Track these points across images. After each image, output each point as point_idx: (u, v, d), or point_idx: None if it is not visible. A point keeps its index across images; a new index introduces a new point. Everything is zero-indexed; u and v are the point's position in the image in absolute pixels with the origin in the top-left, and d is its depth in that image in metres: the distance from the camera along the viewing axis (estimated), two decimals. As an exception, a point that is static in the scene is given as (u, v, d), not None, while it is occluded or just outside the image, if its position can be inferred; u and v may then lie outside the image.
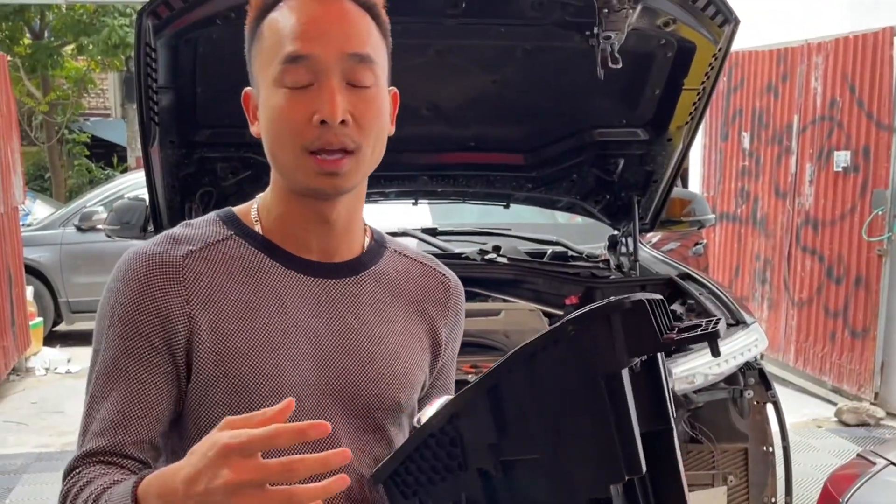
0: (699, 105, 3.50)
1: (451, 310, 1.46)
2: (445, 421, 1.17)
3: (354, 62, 1.22)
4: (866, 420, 6.15)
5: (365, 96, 1.23)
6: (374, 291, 1.36)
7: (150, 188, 3.48)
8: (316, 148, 1.21)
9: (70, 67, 15.39)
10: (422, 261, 1.46)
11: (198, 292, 1.25)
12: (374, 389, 1.32)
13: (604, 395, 1.09)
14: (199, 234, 1.30)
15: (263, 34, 1.26)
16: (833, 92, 6.69)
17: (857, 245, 6.48)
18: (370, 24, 1.27)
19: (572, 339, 1.10)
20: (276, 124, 1.23)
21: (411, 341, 1.38)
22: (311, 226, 1.30)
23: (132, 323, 1.24)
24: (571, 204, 4.19)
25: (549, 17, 3.12)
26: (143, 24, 2.86)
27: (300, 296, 1.30)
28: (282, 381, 1.25)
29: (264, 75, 1.24)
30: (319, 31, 1.22)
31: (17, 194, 7.61)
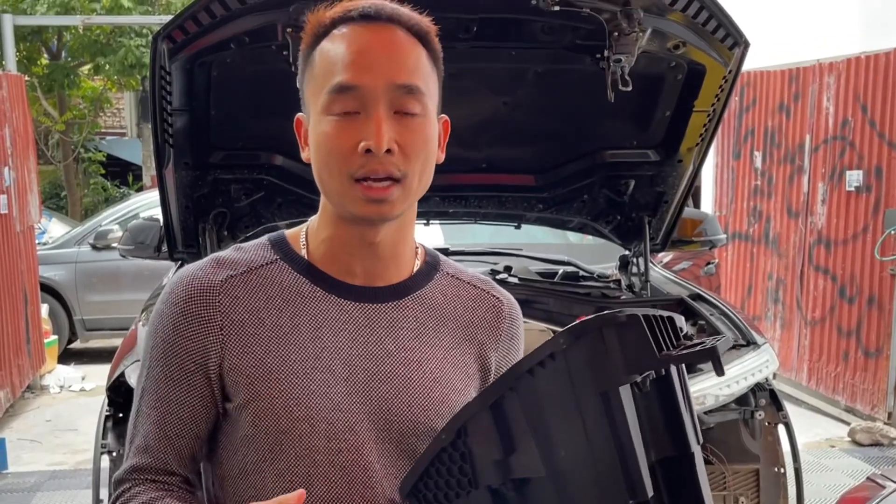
0: (710, 126, 3.51)
1: (504, 334, 1.44)
2: (455, 435, 1.16)
3: (402, 93, 1.24)
4: (880, 440, 6.12)
5: (411, 126, 1.25)
6: (417, 316, 1.36)
7: (165, 209, 3.52)
8: (361, 175, 1.23)
9: (87, 87, 15.51)
10: (476, 284, 1.45)
11: (233, 317, 1.29)
12: (409, 415, 1.31)
13: (601, 413, 1.07)
14: (244, 258, 1.34)
15: (315, 62, 1.28)
16: (845, 112, 6.69)
17: (870, 264, 6.46)
18: (420, 52, 1.28)
19: (565, 353, 1.08)
20: (323, 151, 1.25)
21: (454, 368, 1.37)
22: (355, 250, 1.32)
23: (171, 347, 1.29)
24: (582, 224, 4.20)
25: (561, 40, 3.15)
26: (159, 48, 2.90)
27: (338, 320, 1.31)
28: (311, 404, 1.27)
29: (314, 102, 1.27)
30: (368, 61, 1.23)
31: (33, 213, 7.67)
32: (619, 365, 1.06)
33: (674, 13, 2.96)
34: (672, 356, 1.08)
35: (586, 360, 1.07)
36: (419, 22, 1.29)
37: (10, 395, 6.78)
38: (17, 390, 6.99)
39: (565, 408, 1.08)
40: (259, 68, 3.13)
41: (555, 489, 1.10)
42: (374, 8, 1.26)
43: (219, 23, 2.84)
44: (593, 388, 1.07)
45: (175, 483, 1.31)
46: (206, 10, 2.81)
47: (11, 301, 6.84)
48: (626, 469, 1.06)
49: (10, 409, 6.95)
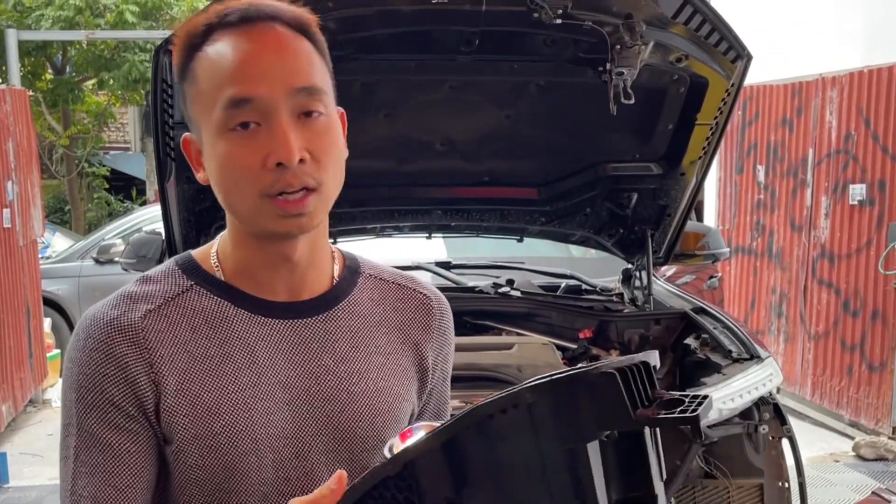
0: (712, 139, 3.51)
1: (437, 330, 1.38)
2: (401, 468, 1.07)
3: (303, 96, 1.15)
4: (884, 454, 6.09)
5: (317, 128, 1.16)
6: (349, 325, 1.28)
7: (167, 222, 3.52)
8: (276, 192, 1.14)
9: (91, 102, 15.54)
10: (400, 282, 1.38)
11: (161, 353, 1.18)
12: (357, 430, 1.25)
13: (565, 469, 1.00)
14: (157, 289, 1.23)
15: (197, 77, 1.17)
16: (848, 126, 6.69)
17: (874, 278, 6.44)
18: (310, 49, 1.19)
19: (530, 406, 1.00)
20: (228, 172, 1.16)
21: (395, 373, 1.31)
22: (273, 266, 1.24)
23: (103, 393, 1.17)
24: (585, 237, 4.20)
25: (563, 53, 3.15)
26: (160, 62, 2.91)
27: (270, 342, 1.23)
28: (256, 435, 1.19)
29: (206, 121, 1.16)
30: (261, 68, 1.14)
31: (37, 227, 7.68)
32: (590, 423, 1.00)
33: (676, 26, 2.97)
34: (650, 418, 1.00)
35: (553, 416, 1.00)
36: (300, 15, 1.20)
37: (12, 408, 6.77)
38: (19, 404, 6.98)
39: (526, 456, 1.01)
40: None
41: None
42: (254, 9, 1.17)
43: (221, 36, 2.84)
44: (559, 443, 1.00)
45: None
46: (208, 24, 2.81)
47: (14, 315, 6.83)
48: None
49: (11, 423, 6.93)
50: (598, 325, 3.83)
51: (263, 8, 1.17)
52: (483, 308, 3.82)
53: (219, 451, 1.18)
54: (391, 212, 3.95)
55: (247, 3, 1.18)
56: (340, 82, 2.79)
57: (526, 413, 1.00)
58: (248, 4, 1.17)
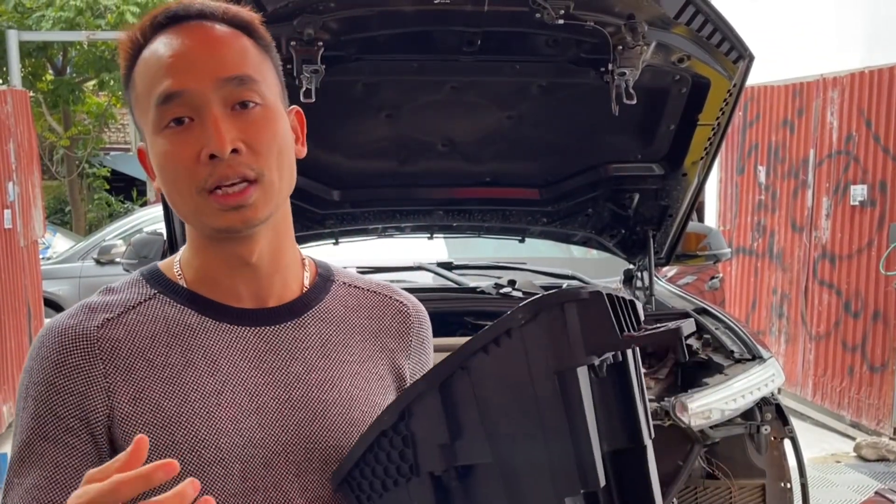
0: (714, 140, 3.50)
1: (414, 339, 1.34)
2: (398, 417, 1.08)
3: (234, 85, 1.12)
4: (885, 455, 6.09)
5: (252, 118, 1.13)
6: (320, 332, 1.25)
7: (168, 223, 3.51)
8: (212, 186, 1.10)
9: (91, 103, 15.56)
10: (375, 290, 1.35)
11: (116, 363, 1.15)
12: (330, 441, 1.20)
13: (557, 393, 1.00)
14: (118, 299, 1.20)
15: (135, 83, 1.16)
16: (849, 126, 6.69)
17: (875, 279, 6.45)
18: (246, 43, 1.16)
19: (522, 329, 1.01)
20: (167, 171, 1.13)
21: (369, 382, 1.26)
22: (234, 271, 1.20)
23: (46, 404, 1.14)
24: (587, 238, 4.19)
25: (565, 53, 3.15)
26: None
27: (234, 350, 1.19)
28: (221, 445, 1.14)
29: (145, 124, 1.14)
30: (188, 61, 1.11)
31: (37, 228, 7.68)
32: (579, 344, 1.00)
33: (678, 27, 2.96)
34: (635, 336, 1.02)
35: (544, 338, 1.00)
36: (237, 13, 1.17)
37: (12, 409, 6.77)
38: (19, 405, 6.98)
39: (519, 389, 1.02)
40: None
41: (501, 477, 1.04)
42: (182, 7, 1.15)
43: (222, 37, 2.84)
44: (550, 367, 1.00)
45: None
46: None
47: (15, 316, 6.84)
48: (580, 456, 1.00)
49: (12, 424, 6.92)
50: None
51: (192, 6, 1.16)
52: (485, 308, 3.81)
53: (180, 462, 1.10)
54: (393, 212, 3.95)
55: (177, 4, 1.16)
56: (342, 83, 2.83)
57: (519, 340, 1.01)
58: (178, 4, 1.16)
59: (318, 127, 3.40)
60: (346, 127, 3.39)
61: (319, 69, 2.81)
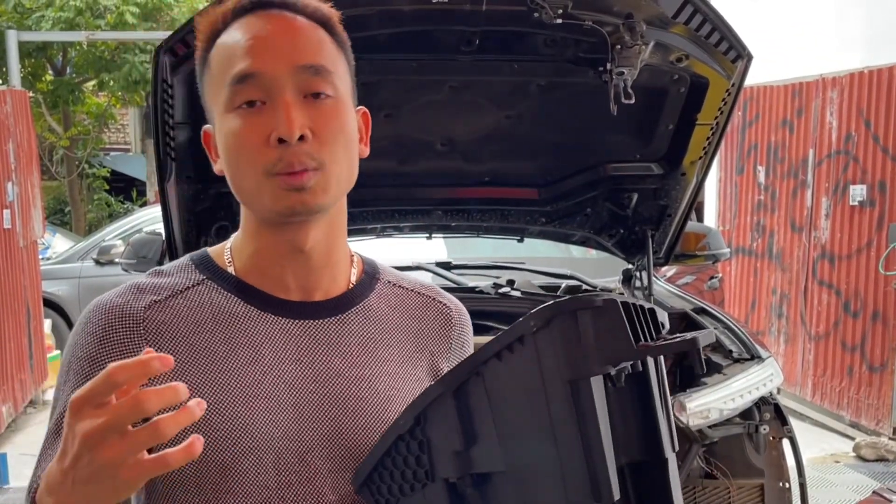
0: (713, 140, 3.50)
1: (455, 342, 1.34)
2: (413, 422, 1.07)
3: (309, 74, 1.13)
4: (885, 455, 6.09)
5: (323, 108, 1.14)
6: (363, 330, 1.25)
7: (167, 223, 3.51)
8: (278, 170, 1.12)
9: (91, 103, 15.56)
10: (420, 291, 1.36)
11: (160, 345, 1.15)
12: (364, 439, 1.19)
13: (570, 403, 0.98)
14: (167, 282, 1.22)
15: (211, 63, 1.17)
16: (848, 126, 6.69)
17: (874, 279, 6.45)
18: (324, 36, 1.18)
19: (535, 336, 0.99)
20: (233, 151, 1.14)
21: (407, 382, 1.26)
22: (285, 260, 1.21)
23: (87, 378, 1.07)
24: (585, 238, 4.19)
25: (563, 53, 3.15)
26: (161, 61, 2.90)
27: (277, 341, 1.20)
28: (257, 435, 1.15)
29: (216, 103, 1.16)
30: (267, 45, 1.13)
31: (37, 228, 7.68)
32: (592, 353, 0.98)
33: (676, 26, 2.96)
34: (650, 347, 0.99)
35: (557, 346, 0.98)
36: (318, 8, 1.19)
37: (12, 409, 6.77)
38: (19, 405, 6.98)
39: (532, 397, 1.00)
40: (261, 81, 3.13)
41: (515, 486, 1.02)
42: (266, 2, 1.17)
43: (221, 36, 2.84)
44: (563, 376, 0.98)
45: None
46: (208, 23, 2.81)
47: (14, 316, 6.84)
48: (592, 468, 0.98)
49: (12, 424, 6.93)
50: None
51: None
52: (483, 308, 3.81)
53: (215, 448, 1.13)
54: (392, 212, 3.95)
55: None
56: (340, 82, 2.69)
57: (532, 347, 0.99)
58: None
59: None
60: (344, 126, 3.38)
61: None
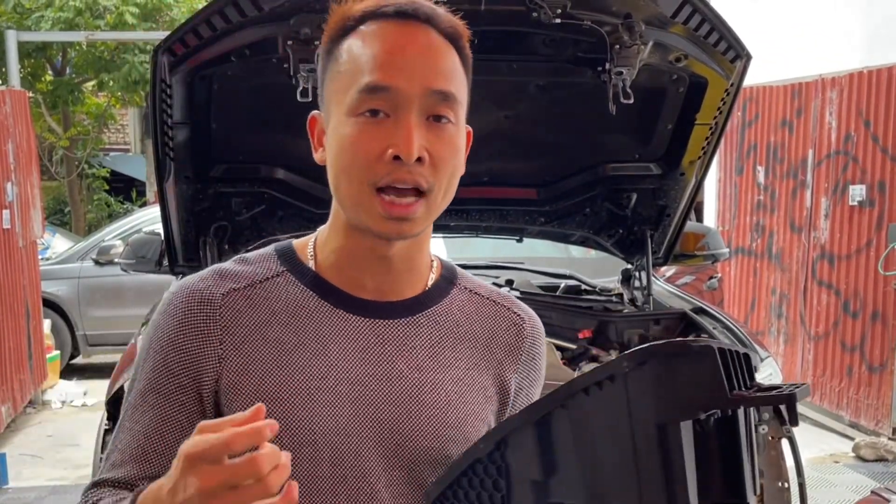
0: (712, 140, 3.50)
1: (525, 354, 1.34)
2: (493, 446, 1.07)
3: (437, 99, 1.15)
4: (884, 455, 6.09)
5: (443, 134, 1.16)
6: (431, 333, 1.27)
7: (165, 223, 3.51)
8: (385, 184, 1.14)
9: (91, 103, 15.56)
10: (495, 299, 1.35)
11: (233, 332, 1.20)
12: (421, 441, 1.22)
13: (657, 446, 0.97)
14: (248, 270, 1.26)
15: (341, 57, 1.19)
16: (848, 126, 6.69)
17: (874, 279, 6.44)
18: (455, 58, 1.19)
19: (626, 377, 0.98)
20: (345, 155, 1.16)
21: (471, 389, 1.27)
22: (366, 263, 1.23)
23: (165, 359, 1.21)
24: (584, 238, 4.19)
25: (562, 53, 3.15)
26: (159, 61, 2.90)
27: (346, 337, 1.22)
28: (315, 428, 1.18)
29: (338, 101, 1.17)
30: (404, 62, 1.14)
31: (36, 228, 7.68)
32: (684, 399, 0.97)
33: (675, 26, 2.96)
34: (744, 398, 0.98)
35: (649, 388, 0.97)
36: (455, 25, 1.20)
37: (11, 410, 6.77)
38: (18, 405, 6.98)
39: (618, 435, 0.99)
40: (260, 81, 3.13)
41: None
42: (412, 6, 1.17)
43: (219, 36, 2.84)
44: (652, 418, 0.97)
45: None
46: (206, 23, 2.81)
47: (13, 316, 6.83)
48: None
49: (11, 424, 6.93)
50: (597, 325, 3.83)
51: (422, 7, 1.18)
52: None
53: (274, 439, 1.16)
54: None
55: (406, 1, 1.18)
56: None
57: (622, 387, 0.98)
58: (408, 2, 1.18)
59: (315, 126, 3.41)
60: (344, 126, 3.38)
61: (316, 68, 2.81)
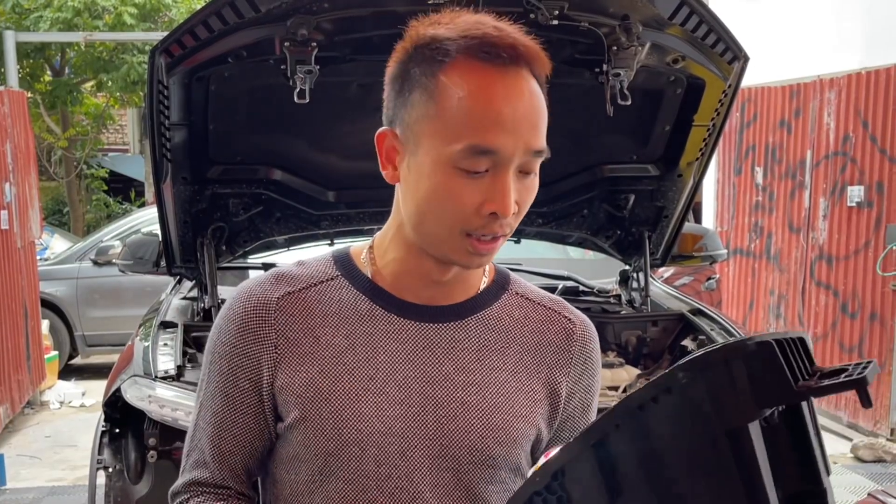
0: (709, 141, 3.51)
1: (576, 358, 1.36)
2: (550, 478, 1.03)
3: (532, 157, 1.17)
4: (882, 456, 6.08)
5: (529, 185, 1.20)
6: (480, 337, 1.29)
7: (163, 224, 3.51)
8: (477, 234, 1.18)
9: (89, 104, 15.54)
10: (546, 304, 1.37)
11: (287, 335, 1.25)
12: (466, 441, 1.25)
13: (728, 454, 0.94)
14: (305, 273, 1.30)
15: (436, 94, 1.16)
16: (846, 127, 6.69)
17: (872, 280, 6.44)
18: (543, 102, 1.19)
19: (684, 388, 0.94)
20: (440, 204, 1.17)
21: (518, 392, 1.29)
22: (425, 278, 1.27)
23: (227, 363, 1.28)
24: (582, 239, 4.19)
25: (559, 54, 3.14)
26: (156, 62, 2.90)
27: (395, 340, 1.26)
28: (362, 428, 1.22)
29: (434, 144, 1.17)
30: (512, 125, 1.14)
31: (34, 229, 7.67)
32: (749, 400, 0.93)
33: (673, 27, 2.96)
34: (812, 388, 0.94)
35: (710, 396, 0.94)
36: (543, 60, 1.19)
37: (9, 410, 6.76)
38: (16, 406, 6.97)
39: (684, 448, 0.96)
40: (257, 82, 3.13)
41: None
42: (510, 48, 1.15)
43: (216, 37, 2.84)
44: (719, 426, 0.94)
45: (231, 495, 1.30)
46: (203, 25, 2.81)
47: (12, 316, 6.83)
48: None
49: (9, 425, 6.93)
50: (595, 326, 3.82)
51: (520, 49, 1.16)
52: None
53: (323, 436, 1.23)
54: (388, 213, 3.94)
55: (499, 35, 1.16)
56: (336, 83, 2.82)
57: (680, 398, 0.95)
58: (501, 38, 1.16)
59: (312, 128, 3.41)
60: (341, 127, 3.38)
61: (313, 70, 2.81)
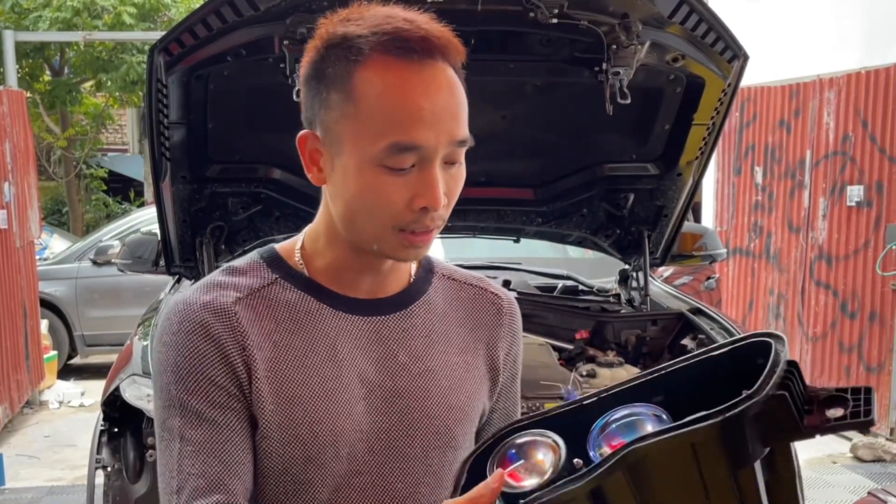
0: (709, 140, 3.50)
1: (506, 331, 1.40)
2: None
3: (457, 147, 1.17)
4: (882, 456, 6.08)
5: (456, 175, 1.19)
6: (425, 323, 1.31)
7: (162, 223, 3.50)
8: (410, 229, 1.18)
9: (89, 103, 15.53)
10: (472, 283, 1.40)
11: (252, 340, 1.20)
12: (430, 427, 1.27)
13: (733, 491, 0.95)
14: (243, 281, 1.25)
15: (353, 95, 1.15)
16: (846, 127, 6.68)
17: (871, 280, 6.44)
18: (462, 89, 1.19)
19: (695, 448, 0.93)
20: (369, 203, 1.17)
21: (468, 371, 1.33)
22: (362, 272, 1.27)
23: (204, 373, 1.19)
24: (582, 238, 4.19)
25: (559, 53, 3.14)
26: (155, 61, 2.89)
27: (351, 337, 1.25)
28: (336, 428, 1.21)
29: (355, 145, 1.15)
30: (432, 118, 1.13)
31: (33, 229, 7.67)
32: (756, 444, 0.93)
33: (672, 26, 2.96)
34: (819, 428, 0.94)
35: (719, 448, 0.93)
36: (457, 47, 1.19)
37: (8, 410, 6.76)
38: (15, 406, 6.97)
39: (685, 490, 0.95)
40: (256, 81, 3.13)
41: None
42: (423, 41, 1.14)
43: (215, 35, 2.84)
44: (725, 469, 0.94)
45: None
46: (202, 23, 2.81)
47: (11, 316, 6.83)
48: None
49: (8, 425, 6.92)
50: (594, 325, 3.83)
51: (432, 40, 1.15)
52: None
53: (299, 441, 1.21)
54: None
55: (411, 28, 1.15)
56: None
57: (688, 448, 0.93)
58: (413, 30, 1.15)
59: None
60: (340, 126, 3.38)
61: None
